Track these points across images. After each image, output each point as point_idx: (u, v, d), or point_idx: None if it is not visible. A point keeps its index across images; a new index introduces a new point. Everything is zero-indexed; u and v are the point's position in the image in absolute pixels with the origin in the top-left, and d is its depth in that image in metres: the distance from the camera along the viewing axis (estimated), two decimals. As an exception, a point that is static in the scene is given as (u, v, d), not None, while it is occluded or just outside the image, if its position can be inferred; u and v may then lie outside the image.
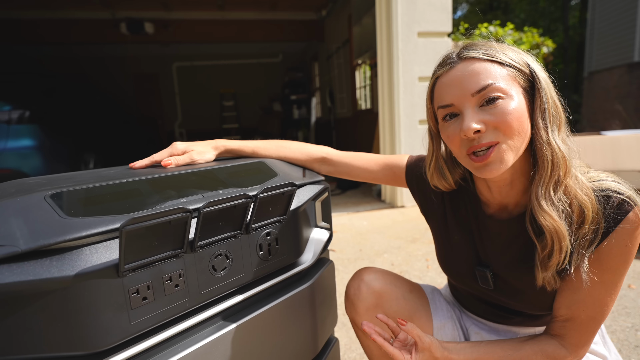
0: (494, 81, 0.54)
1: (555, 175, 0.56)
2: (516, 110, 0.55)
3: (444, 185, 0.69)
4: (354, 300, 0.76)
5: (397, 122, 3.25)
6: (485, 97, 0.55)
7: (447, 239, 0.73)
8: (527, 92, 0.57)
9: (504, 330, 0.74)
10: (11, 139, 3.15)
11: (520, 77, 0.56)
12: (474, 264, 0.69)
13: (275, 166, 0.75)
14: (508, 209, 0.64)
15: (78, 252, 0.42)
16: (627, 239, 0.54)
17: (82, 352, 0.43)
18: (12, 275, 0.38)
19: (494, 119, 0.54)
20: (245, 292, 0.60)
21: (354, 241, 2.48)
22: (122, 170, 0.67)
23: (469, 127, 0.54)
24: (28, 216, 0.42)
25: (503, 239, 0.65)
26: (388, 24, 3.19)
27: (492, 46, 0.58)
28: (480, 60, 0.56)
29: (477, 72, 0.55)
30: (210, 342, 0.53)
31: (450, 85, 0.57)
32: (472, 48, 0.58)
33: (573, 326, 0.59)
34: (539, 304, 0.63)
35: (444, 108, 0.59)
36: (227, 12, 6.21)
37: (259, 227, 0.60)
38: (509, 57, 0.57)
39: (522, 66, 0.57)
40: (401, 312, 0.76)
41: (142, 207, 0.49)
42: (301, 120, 8.06)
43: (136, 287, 0.45)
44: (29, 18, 5.69)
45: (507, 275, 0.64)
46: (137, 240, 0.43)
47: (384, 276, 0.78)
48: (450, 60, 0.59)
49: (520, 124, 0.55)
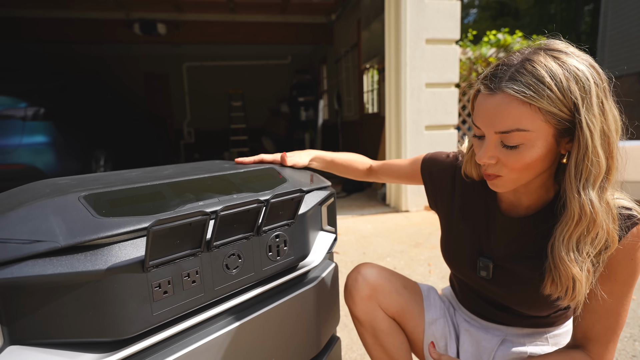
0: (524, 128, 0.53)
1: (580, 228, 0.54)
2: (533, 157, 0.55)
3: (477, 173, 0.71)
4: (351, 290, 0.83)
5: (403, 128, 3.28)
6: (508, 140, 0.55)
7: (452, 228, 0.78)
8: (563, 132, 0.54)
9: (493, 329, 0.77)
10: (26, 135, 3.24)
11: (560, 121, 0.53)
12: (476, 254, 0.72)
13: (284, 173, 0.79)
14: (520, 209, 0.67)
15: (109, 248, 0.47)
16: (632, 252, 0.56)
17: (109, 338, 0.48)
18: (53, 267, 0.43)
19: (506, 159, 0.57)
20: (255, 290, 0.65)
21: (357, 244, 2.52)
22: (144, 172, 0.72)
23: (480, 158, 0.59)
24: (65, 215, 0.47)
25: (510, 234, 0.68)
26: (397, 30, 3.23)
27: (545, 76, 0.51)
28: (518, 100, 0.52)
29: (509, 113, 0.53)
30: (221, 335, 0.58)
31: (483, 112, 0.57)
32: (519, 79, 0.53)
33: (591, 337, 0.61)
34: (531, 300, 0.66)
35: (475, 126, 0.61)
36: (237, 15, 6.30)
37: (269, 230, 0.64)
38: (553, 94, 0.51)
39: (566, 113, 0.52)
40: (394, 304, 0.82)
41: (165, 209, 0.54)
42: (308, 122, 8.12)
43: (158, 282, 0.50)
44: (46, 17, 5.84)
45: (507, 267, 0.68)
46: (161, 240, 0.47)
47: (380, 271, 0.84)
48: (493, 85, 0.55)
49: (531, 168, 0.56)
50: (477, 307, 0.79)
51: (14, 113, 3.19)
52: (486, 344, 0.76)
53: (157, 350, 0.52)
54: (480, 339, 0.78)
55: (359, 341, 1.04)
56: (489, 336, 0.77)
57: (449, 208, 0.79)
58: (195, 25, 6.44)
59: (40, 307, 0.44)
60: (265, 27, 6.68)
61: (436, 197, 0.83)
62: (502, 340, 0.75)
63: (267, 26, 6.68)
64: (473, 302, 0.80)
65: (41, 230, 0.45)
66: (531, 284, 0.64)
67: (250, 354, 0.63)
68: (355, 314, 0.84)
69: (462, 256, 0.75)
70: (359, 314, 0.83)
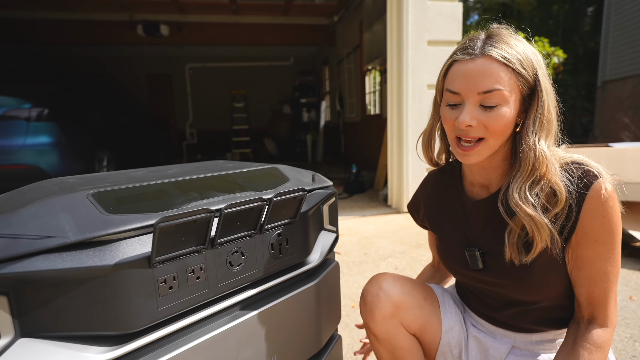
0: (502, 88, 0.60)
1: (533, 175, 0.61)
2: (508, 118, 0.61)
3: (429, 157, 0.78)
4: (372, 307, 0.77)
5: (405, 129, 3.29)
6: (488, 100, 0.61)
7: (442, 232, 0.80)
8: (524, 99, 0.63)
9: (501, 335, 0.76)
10: (30, 135, 3.26)
11: (525, 86, 0.61)
12: (463, 247, 0.73)
13: (287, 172, 0.81)
14: (488, 189, 0.71)
15: (117, 244, 0.48)
16: (602, 209, 0.59)
17: (116, 332, 0.49)
18: (62, 262, 0.45)
19: (487, 120, 0.61)
20: (258, 287, 0.66)
21: (359, 245, 2.53)
22: (149, 171, 0.74)
23: (464, 121, 0.62)
24: (74, 212, 0.49)
25: (484, 216, 0.71)
26: (399, 32, 3.24)
27: (513, 46, 0.61)
28: (498, 62, 0.60)
29: (491, 73, 0.60)
30: (224, 331, 0.59)
31: (464, 76, 0.62)
32: (495, 45, 0.61)
33: (595, 302, 0.64)
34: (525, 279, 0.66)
35: (451, 93, 0.64)
36: (240, 16, 6.33)
37: (271, 228, 0.66)
38: (523, 64, 0.60)
39: (530, 76, 0.61)
40: (416, 321, 0.78)
41: (170, 206, 0.55)
42: (310, 123, 8.15)
43: (164, 278, 0.51)
44: (49, 19, 5.88)
45: (493, 250, 0.69)
46: (167, 236, 0.49)
47: (402, 284, 0.79)
48: (472, 51, 0.62)
49: (506, 129, 0.62)
50: (483, 309, 0.78)
51: (18, 114, 3.22)
52: (494, 352, 0.75)
53: (162, 345, 0.54)
54: (488, 347, 0.77)
55: (360, 340, 1.04)
56: (497, 344, 0.76)
57: (435, 217, 0.82)
58: (198, 26, 6.48)
59: (50, 301, 0.46)
60: (267, 29, 6.72)
61: (426, 216, 0.85)
62: (510, 348, 0.74)
63: (269, 28, 6.71)
64: (479, 304, 0.79)
65: (51, 226, 0.46)
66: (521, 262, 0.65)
67: (252, 350, 0.64)
68: (374, 332, 0.78)
69: (453, 255, 0.76)
70: (379, 332, 0.77)
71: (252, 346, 0.64)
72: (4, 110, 3.19)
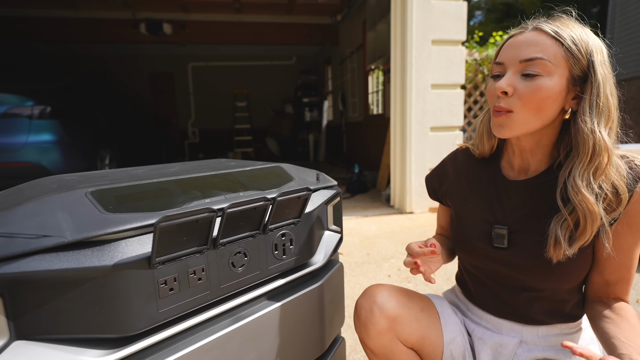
0: (545, 57, 0.59)
1: (595, 162, 0.59)
2: (547, 92, 0.59)
3: (489, 145, 0.76)
4: (366, 323, 0.74)
5: (408, 129, 3.27)
6: (529, 68, 0.60)
7: (465, 208, 0.78)
8: (575, 80, 0.61)
9: (507, 330, 0.74)
10: (32, 133, 3.26)
11: (575, 64, 0.60)
12: (490, 225, 0.72)
13: (291, 171, 0.79)
14: (527, 173, 0.70)
15: (116, 244, 0.47)
16: None
17: (115, 335, 0.47)
18: (59, 262, 0.43)
19: (523, 90, 0.60)
20: (260, 288, 0.64)
21: (361, 245, 2.51)
22: (150, 170, 0.72)
23: (500, 86, 0.62)
24: (72, 210, 0.47)
25: (519, 197, 0.70)
26: (402, 31, 3.22)
27: (569, 26, 0.61)
28: (546, 34, 0.60)
29: (537, 43, 0.60)
30: (226, 334, 0.57)
31: (511, 47, 0.63)
32: (547, 21, 0.62)
33: (624, 284, 0.66)
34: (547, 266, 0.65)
35: (497, 65, 0.65)
36: (243, 15, 6.32)
37: (275, 228, 0.64)
38: (575, 41, 0.59)
39: (583, 56, 0.59)
40: (413, 334, 0.75)
41: (171, 205, 0.54)
42: (312, 122, 8.13)
43: (164, 279, 0.50)
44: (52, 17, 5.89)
45: (521, 230, 0.68)
46: (168, 236, 0.47)
47: (397, 297, 0.75)
48: (525, 26, 0.64)
49: (542, 105, 0.60)
50: (490, 300, 0.76)
51: (20, 111, 3.22)
52: (503, 349, 0.73)
53: (162, 348, 0.52)
54: (496, 345, 0.74)
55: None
56: (505, 339, 0.73)
57: (461, 191, 0.80)
58: (200, 25, 6.47)
59: (46, 303, 0.44)
60: (270, 28, 6.71)
61: (450, 190, 0.83)
62: (519, 342, 0.73)
63: (272, 27, 6.70)
64: (486, 293, 0.76)
65: (48, 225, 0.44)
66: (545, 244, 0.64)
67: (255, 353, 0.62)
68: (370, 347, 0.75)
69: (477, 232, 0.74)
70: (374, 347, 0.74)
71: (255, 349, 0.62)
72: (7, 107, 3.19)
